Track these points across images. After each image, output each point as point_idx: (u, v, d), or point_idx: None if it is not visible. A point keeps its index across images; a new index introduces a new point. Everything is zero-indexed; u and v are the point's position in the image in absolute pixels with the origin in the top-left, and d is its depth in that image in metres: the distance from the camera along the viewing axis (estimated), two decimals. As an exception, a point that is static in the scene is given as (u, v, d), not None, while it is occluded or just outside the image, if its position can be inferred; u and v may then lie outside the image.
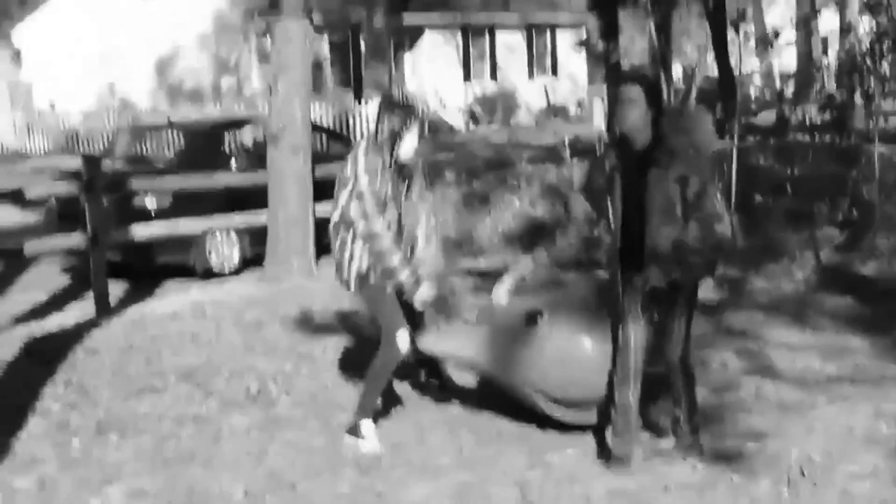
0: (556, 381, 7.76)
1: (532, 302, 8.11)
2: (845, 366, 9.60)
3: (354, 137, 29.30)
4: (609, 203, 7.21)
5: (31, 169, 30.28)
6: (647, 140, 7.05)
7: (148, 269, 14.73)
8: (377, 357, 7.88)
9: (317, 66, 39.42)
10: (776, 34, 24.76)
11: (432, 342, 8.55)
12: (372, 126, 7.83)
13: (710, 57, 25.66)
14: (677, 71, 46.51)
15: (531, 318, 7.87)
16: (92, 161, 12.99)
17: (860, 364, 9.65)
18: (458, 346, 8.38)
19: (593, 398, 7.77)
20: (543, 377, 7.78)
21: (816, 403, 8.59)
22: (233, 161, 15.86)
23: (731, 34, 25.99)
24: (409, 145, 7.79)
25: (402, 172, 7.83)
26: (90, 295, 12.79)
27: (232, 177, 15.21)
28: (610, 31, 26.33)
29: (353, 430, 7.79)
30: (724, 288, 12.68)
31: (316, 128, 16.65)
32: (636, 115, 6.99)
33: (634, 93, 7.01)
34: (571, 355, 7.70)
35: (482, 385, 8.56)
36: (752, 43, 36.30)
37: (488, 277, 12.10)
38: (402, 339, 7.82)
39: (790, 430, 7.96)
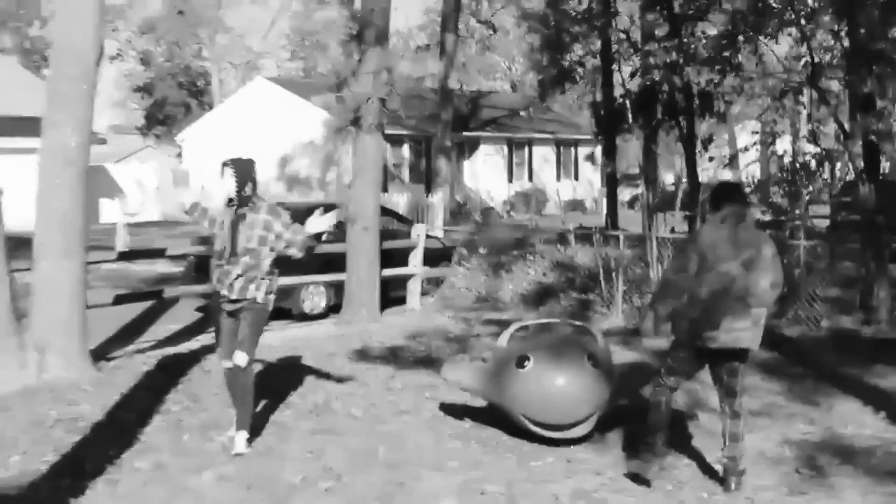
0: (537, 408, 7.76)
1: (524, 346, 8.11)
2: (764, 403, 9.50)
3: (419, 220, 29.29)
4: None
5: (181, 233, 30.70)
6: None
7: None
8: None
9: (397, 166, 39.71)
10: (736, 155, 24.77)
11: (451, 373, 8.57)
12: None
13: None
14: (669, 178, 46.56)
15: (521, 360, 7.88)
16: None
17: (776, 403, 9.56)
18: (470, 377, 8.40)
19: (566, 422, 7.78)
20: (528, 405, 7.79)
21: (739, 431, 8.49)
22: (324, 235, 15.94)
23: (705, 152, 26.05)
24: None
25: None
26: (212, 328, 12.85)
27: (323, 246, 15.28)
28: (609, 149, 26.51)
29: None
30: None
31: (386, 212, 16.73)
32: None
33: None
34: (549, 390, 7.70)
35: (488, 407, 8.55)
36: (726, 159, 36.20)
37: (505, 327, 12.15)
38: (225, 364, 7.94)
39: (715, 451, 7.87)
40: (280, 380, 10.21)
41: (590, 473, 7.35)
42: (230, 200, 7.74)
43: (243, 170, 7.79)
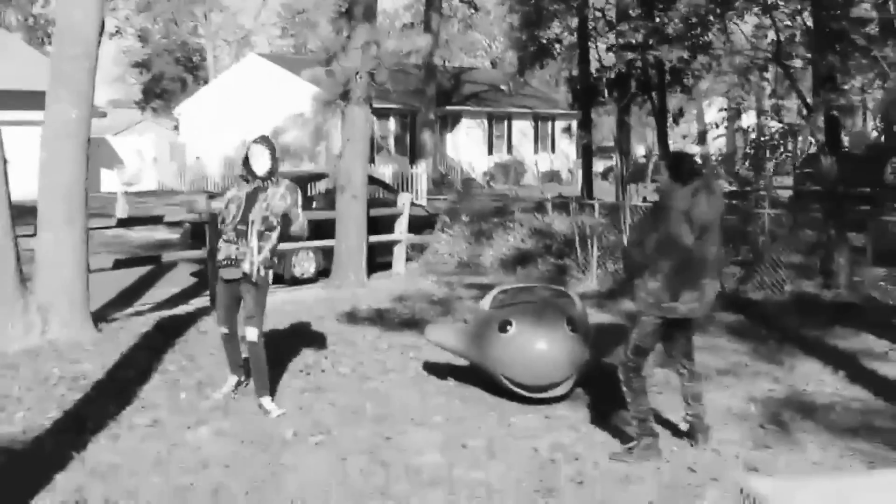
0: (519, 371, 7.75)
1: (506, 311, 8.09)
2: (731, 363, 9.53)
3: (404, 189, 29.24)
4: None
5: (180, 202, 30.58)
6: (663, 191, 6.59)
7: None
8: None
9: (384, 138, 39.56)
10: (705, 131, 24.80)
11: (435, 334, 8.55)
12: None
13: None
14: (640, 150, 46.51)
15: (504, 325, 7.86)
16: (213, 198, 13.04)
17: (742, 362, 9.59)
18: (452, 338, 8.38)
19: (546, 384, 7.78)
20: (510, 367, 7.78)
21: (707, 389, 8.48)
22: (314, 202, 15.92)
23: (676, 125, 26.08)
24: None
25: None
26: (207, 292, 12.82)
27: (312, 213, 15.20)
28: (585, 123, 26.46)
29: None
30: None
31: (373, 181, 16.66)
32: (662, 178, 6.55)
33: (663, 164, 6.64)
34: (529, 354, 7.69)
35: (470, 366, 8.54)
36: (695, 134, 36.21)
37: (486, 291, 12.14)
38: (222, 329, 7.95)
39: (681, 408, 7.88)
40: (272, 341, 10.15)
41: (567, 429, 7.35)
42: (252, 177, 7.49)
43: (275, 148, 7.55)
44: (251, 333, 7.53)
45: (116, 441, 6.86)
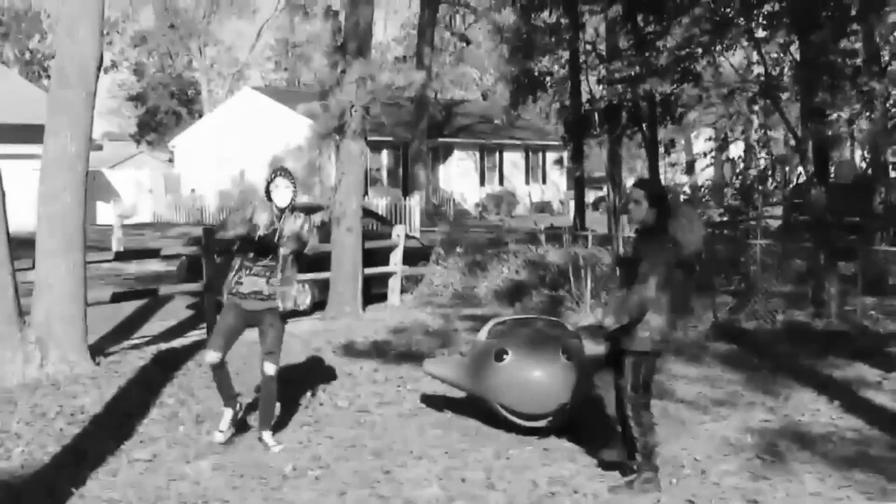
0: (515, 399, 7.69)
1: (503, 341, 8.04)
2: (727, 393, 9.48)
3: (397, 221, 29.23)
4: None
5: (176, 234, 30.54)
6: (651, 225, 6.48)
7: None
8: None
9: (377, 170, 39.61)
10: (694, 161, 24.88)
11: (433, 367, 8.50)
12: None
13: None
14: (630, 181, 46.59)
15: (500, 354, 7.81)
16: (209, 232, 12.98)
17: (737, 392, 9.54)
18: (450, 371, 8.33)
19: (542, 412, 7.72)
20: (506, 396, 7.73)
21: (703, 420, 8.50)
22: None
23: (667, 157, 26.12)
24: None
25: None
26: (204, 325, 12.74)
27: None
28: (577, 154, 26.50)
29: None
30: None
31: (368, 213, 16.63)
32: (639, 211, 6.49)
33: (638, 195, 6.50)
34: (526, 383, 7.64)
35: (468, 399, 8.48)
36: (683, 164, 36.27)
37: (481, 322, 12.09)
38: (208, 356, 7.64)
39: (683, 438, 7.87)
40: (270, 373, 10.10)
41: (566, 461, 7.29)
42: (273, 206, 7.37)
43: (295, 181, 7.42)
44: (270, 369, 7.43)
45: (116, 476, 6.79)
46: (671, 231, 6.42)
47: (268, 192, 7.36)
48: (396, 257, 15.82)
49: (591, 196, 44.50)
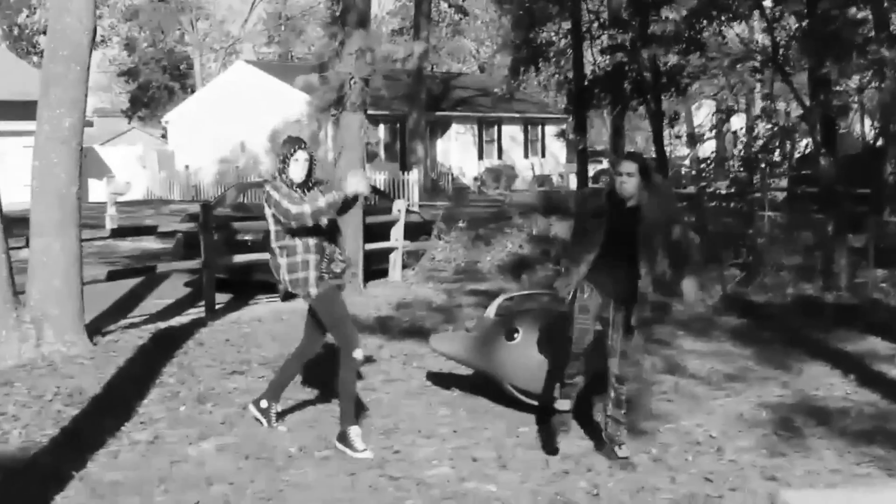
0: (527, 380, 7.59)
1: (513, 319, 7.94)
2: (739, 368, 9.42)
3: (397, 196, 29.11)
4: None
5: (170, 211, 30.44)
6: (637, 200, 6.53)
7: (247, 285, 14.56)
8: (340, 370, 6.87)
9: (374, 144, 39.39)
10: (701, 135, 24.73)
11: (440, 344, 8.39)
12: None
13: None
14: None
15: (510, 333, 7.71)
16: (206, 208, 12.87)
17: (749, 367, 9.47)
18: (458, 348, 8.22)
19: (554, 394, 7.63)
20: (517, 375, 7.63)
21: (717, 395, 8.42)
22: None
23: (668, 130, 25.97)
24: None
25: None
26: (203, 302, 12.65)
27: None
28: (580, 126, 26.32)
29: (343, 439, 6.80)
30: (654, 310, 12.54)
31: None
32: (632, 184, 6.46)
33: (631, 168, 6.48)
34: (537, 362, 7.53)
35: (475, 375, 8.39)
36: (684, 137, 36.13)
37: (486, 297, 12.00)
38: (359, 354, 6.90)
39: (697, 415, 7.79)
40: (271, 351, 10.02)
41: (576, 438, 7.20)
42: (291, 183, 6.70)
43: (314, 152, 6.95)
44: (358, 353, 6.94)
45: (116, 458, 6.68)
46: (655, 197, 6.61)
47: (283, 169, 6.73)
48: (398, 232, 15.72)
49: (591, 169, 44.36)
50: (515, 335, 7.66)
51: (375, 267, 15.57)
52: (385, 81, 23.09)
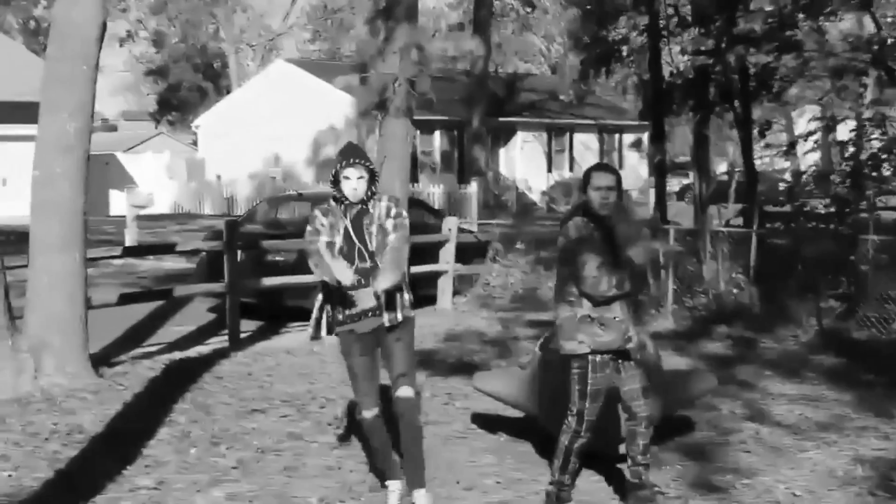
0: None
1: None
2: (833, 415, 9.23)
3: (452, 213, 29.11)
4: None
5: (199, 227, 30.76)
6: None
7: (278, 311, 14.62)
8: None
9: (427, 154, 39.57)
10: (792, 144, 24.34)
11: (485, 382, 8.34)
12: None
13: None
14: (721, 167, 46.09)
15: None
16: (232, 225, 12.96)
17: (846, 415, 9.28)
18: (505, 386, 8.16)
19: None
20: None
21: (805, 447, 8.25)
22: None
23: (762, 138, 25.66)
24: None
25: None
26: (226, 331, 12.71)
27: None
28: (658, 135, 26.14)
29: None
30: (739, 346, 12.41)
31: (416, 203, 16.52)
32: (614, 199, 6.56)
33: (612, 180, 6.58)
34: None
35: (526, 419, 8.32)
36: (783, 147, 35.73)
37: (547, 329, 11.91)
38: (367, 414, 6.72)
39: (780, 469, 7.64)
40: (298, 388, 10.03)
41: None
42: (342, 200, 6.46)
43: (372, 164, 6.56)
44: (410, 391, 6.64)
45: (115, 506, 6.71)
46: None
47: (336, 184, 6.47)
48: (448, 254, 15.69)
49: (675, 184, 44.08)
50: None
51: (423, 293, 15.54)
52: (441, 83, 23.10)
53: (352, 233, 6.46)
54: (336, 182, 6.48)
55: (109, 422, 8.61)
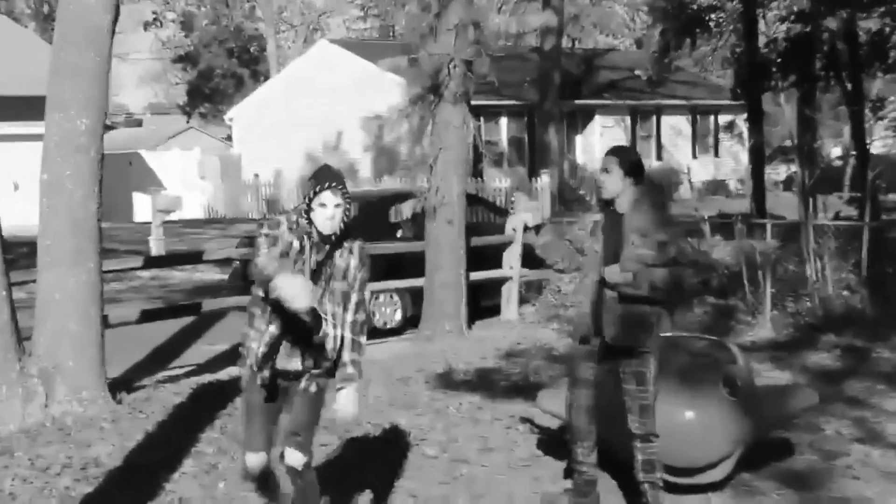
0: (661, 447, 7.51)
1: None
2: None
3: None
4: None
5: (238, 233, 31.06)
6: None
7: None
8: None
9: (494, 144, 39.60)
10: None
11: (551, 402, 8.41)
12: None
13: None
14: (836, 151, 45.68)
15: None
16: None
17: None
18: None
19: (697, 465, 7.57)
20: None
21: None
22: (398, 230, 15.97)
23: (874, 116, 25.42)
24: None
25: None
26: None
27: (394, 244, 15.20)
28: (754, 115, 25.97)
29: None
30: (849, 357, 12.33)
31: (476, 200, 16.58)
32: (612, 182, 7.09)
33: (610, 163, 7.12)
34: (676, 425, 7.46)
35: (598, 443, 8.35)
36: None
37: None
38: (252, 461, 6.51)
39: (892, 498, 7.61)
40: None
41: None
42: (316, 234, 6.19)
43: (349, 193, 6.23)
44: (294, 457, 6.44)
45: (133, 549, 6.85)
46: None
47: (307, 210, 6.18)
48: (513, 258, 15.74)
49: (781, 172, 43.74)
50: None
51: (486, 303, 15.62)
52: (507, 62, 23.05)
53: (306, 269, 6.18)
54: (309, 208, 6.17)
55: (128, 454, 8.74)
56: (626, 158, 7.12)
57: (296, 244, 6.16)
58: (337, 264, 6.26)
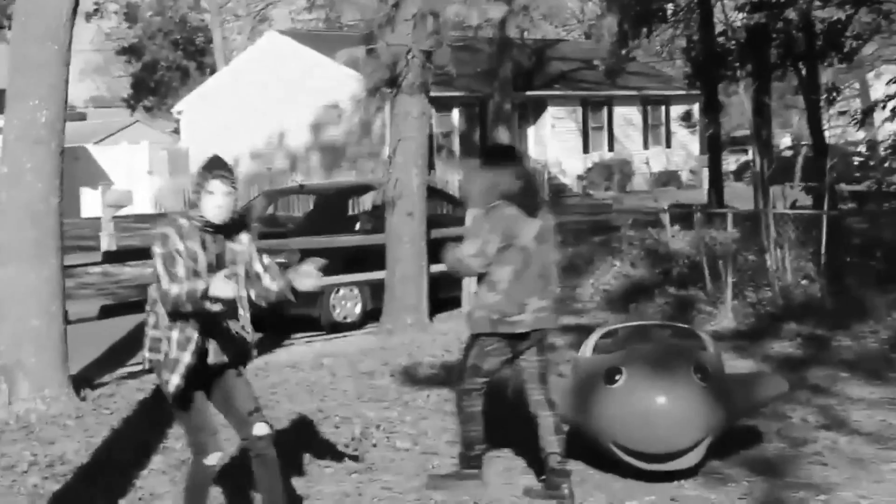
0: (632, 434, 7.61)
1: (614, 357, 7.96)
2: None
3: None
4: None
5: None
6: None
7: (278, 322, 14.75)
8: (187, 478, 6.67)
9: (446, 136, 39.64)
10: (871, 109, 24.24)
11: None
12: None
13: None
14: (786, 141, 46.00)
15: (611, 374, 7.73)
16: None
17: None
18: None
19: (669, 451, 7.64)
20: (621, 430, 7.65)
21: (889, 457, 8.32)
22: (357, 223, 15.99)
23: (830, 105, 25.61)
24: None
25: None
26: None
27: (353, 237, 15.25)
28: (710, 105, 26.16)
29: None
30: (810, 345, 12.47)
31: (435, 193, 16.63)
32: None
33: None
34: (647, 411, 7.54)
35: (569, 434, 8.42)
36: (857, 115, 35.73)
37: (586, 334, 12.00)
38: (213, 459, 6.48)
39: (861, 483, 7.72)
40: (307, 406, 10.15)
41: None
42: (204, 224, 6.17)
43: (236, 181, 6.36)
44: (265, 428, 6.50)
45: (106, 545, 6.86)
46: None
47: (195, 203, 6.22)
48: (471, 249, 15.78)
49: (732, 162, 44.01)
50: (617, 377, 7.68)
51: (445, 294, 15.67)
52: (459, 54, 23.06)
53: (213, 261, 6.21)
54: (197, 198, 6.20)
55: (95, 451, 8.75)
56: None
57: (194, 247, 6.14)
58: (237, 251, 6.36)
